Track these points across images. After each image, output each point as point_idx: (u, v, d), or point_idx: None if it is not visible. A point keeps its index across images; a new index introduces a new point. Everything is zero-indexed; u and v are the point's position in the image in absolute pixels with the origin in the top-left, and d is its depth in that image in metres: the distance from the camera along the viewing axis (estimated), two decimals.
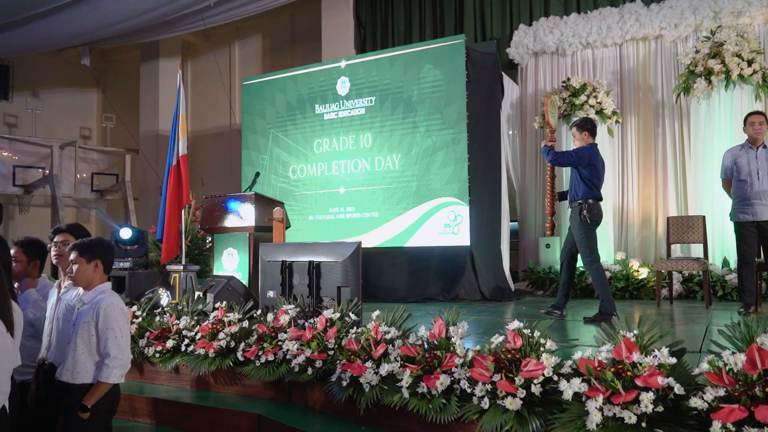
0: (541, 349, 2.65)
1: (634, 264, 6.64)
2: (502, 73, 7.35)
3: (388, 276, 6.73)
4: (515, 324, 2.75)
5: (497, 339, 2.81)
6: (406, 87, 6.90)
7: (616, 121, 7.21)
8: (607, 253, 6.94)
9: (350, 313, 3.54)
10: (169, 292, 5.15)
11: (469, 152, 6.51)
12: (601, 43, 7.54)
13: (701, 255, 5.83)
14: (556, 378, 2.49)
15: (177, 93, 5.62)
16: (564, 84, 7.22)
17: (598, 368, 2.41)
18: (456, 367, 2.77)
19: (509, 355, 2.67)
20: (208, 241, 6.73)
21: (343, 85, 7.31)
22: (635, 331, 2.45)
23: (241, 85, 8.59)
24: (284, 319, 3.72)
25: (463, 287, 6.32)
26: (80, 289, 2.83)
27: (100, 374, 2.59)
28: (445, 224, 6.57)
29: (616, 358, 2.41)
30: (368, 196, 7.08)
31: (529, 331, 2.71)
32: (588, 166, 4.65)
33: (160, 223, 5.55)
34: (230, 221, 5.10)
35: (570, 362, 2.54)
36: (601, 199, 4.72)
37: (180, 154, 5.55)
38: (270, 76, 8.00)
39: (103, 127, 12.51)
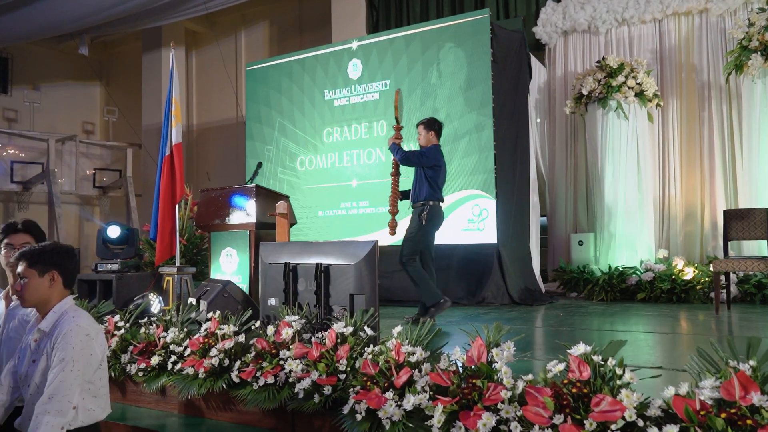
0: (618, 381, 2.02)
1: (678, 263, 5.97)
2: (530, 53, 6.70)
3: (405, 277, 6.07)
4: (580, 348, 2.12)
5: (556, 366, 2.18)
6: (424, 68, 6.27)
7: (657, 105, 6.52)
8: (648, 250, 6.27)
9: (365, 327, 2.93)
10: (161, 298, 4.58)
11: (495, 140, 5.87)
12: (638, 19, 6.85)
13: (764, 253, 5.14)
14: (641, 423, 1.86)
15: (170, 74, 5.03)
16: (598, 64, 6.54)
17: (702, 412, 1.78)
18: (502, 402, 2.15)
19: (574, 390, 2.04)
20: (206, 240, 6.16)
21: (354, 69, 6.69)
22: (751, 363, 1.82)
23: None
24: (287, 332, 3.12)
25: (489, 290, 5.69)
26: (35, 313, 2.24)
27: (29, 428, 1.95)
28: (468, 219, 5.93)
29: (727, 399, 1.79)
30: (383, 189, 6.44)
31: (599, 358, 2.08)
32: (434, 167, 4.58)
33: (153, 220, 4.98)
34: (228, 218, 4.51)
35: (659, 402, 1.91)
36: (442, 200, 4.66)
37: (173, 143, 4.97)
38: (275, 60, 7.40)
39: (105, 121, 12.01)
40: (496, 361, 2.29)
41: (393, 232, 4.71)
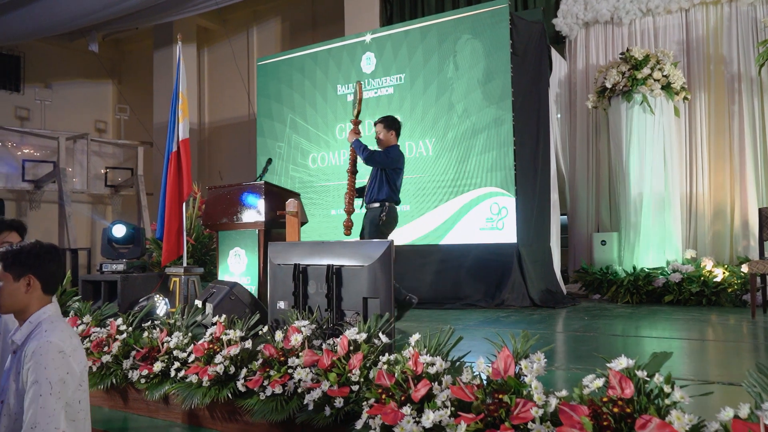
0: (665, 400, 1.79)
1: (707, 264, 5.68)
2: (550, 45, 6.44)
3: (420, 278, 5.89)
4: (622, 362, 1.88)
5: (593, 382, 1.95)
6: (440, 61, 6.04)
7: (684, 98, 6.23)
8: (675, 250, 5.99)
9: (380, 334, 2.72)
10: (167, 300, 4.41)
11: (515, 135, 5.63)
12: (664, 9, 6.56)
13: None
14: None
15: (177, 68, 4.85)
16: (622, 56, 6.26)
17: None
18: (533, 421, 1.93)
19: (615, 409, 1.81)
20: (215, 239, 5.99)
21: (368, 62, 6.48)
22: None
23: None
24: (296, 339, 2.92)
25: (509, 292, 5.45)
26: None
27: None
28: (487, 218, 5.70)
29: None
30: None
31: (644, 373, 1.85)
32: (396, 170, 4.47)
33: (160, 219, 4.81)
34: (236, 216, 4.32)
35: (716, 426, 1.67)
36: (399, 203, 4.55)
37: (180, 139, 4.80)
38: (287, 54, 7.21)
39: (117, 119, 11.92)
40: (525, 375, 2.07)
41: (349, 232, 4.49)
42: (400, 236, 6.05)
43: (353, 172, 4.56)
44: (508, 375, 2.10)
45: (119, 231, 4.74)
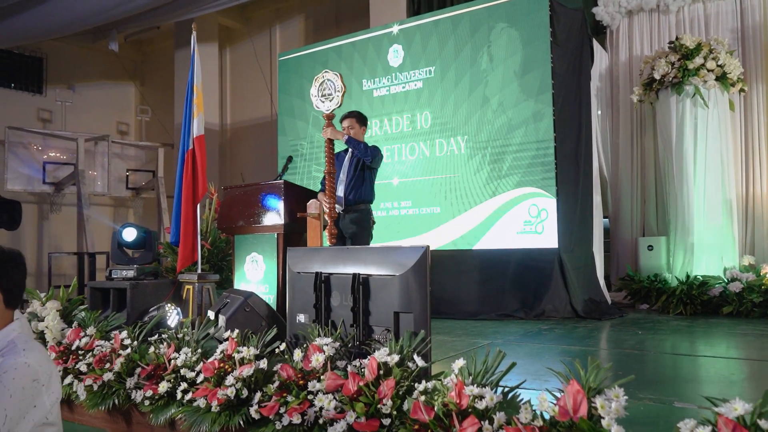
0: None
1: None
2: (591, 35, 5.99)
3: (453, 286, 5.47)
4: (737, 406, 1.45)
5: (693, 428, 1.52)
6: (473, 52, 5.62)
7: (741, 90, 5.71)
8: (732, 257, 5.47)
9: (415, 356, 2.32)
10: (179, 309, 4.07)
11: (555, 130, 5.18)
12: None
13: None
14: None
15: (191, 59, 4.54)
16: (671, 44, 5.77)
17: None
18: None
19: None
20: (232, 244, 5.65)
21: (395, 55, 6.10)
22: None
23: None
24: (317, 359, 2.54)
25: (550, 301, 5.00)
26: None
27: None
28: (525, 221, 5.26)
29: None
30: (428, 187, 5.84)
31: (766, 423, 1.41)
32: (375, 170, 4.28)
33: (174, 222, 4.49)
34: (254, 219, 3.96)
35: None
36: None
37: (195, 135, 4.47)
38: (309, 49, 6.86)
39: (138, 120, 11.76)
40: (603, 417, 1.65)
41: (335, 240, 3.95)
42: (431, 240, 5.65)
43: (332, 172, 3.97)
44: (580, 416, 1.68)
45: (130, 234, 4.42)
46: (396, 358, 2.34)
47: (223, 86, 11.16)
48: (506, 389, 2.04)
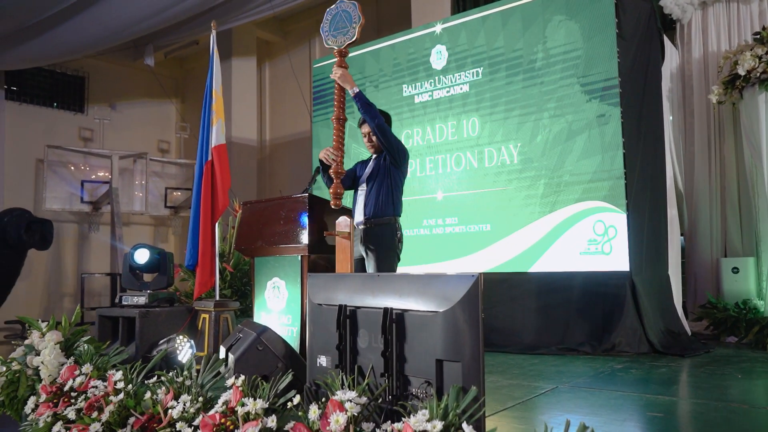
0: None
1: None
2: (660, 30, 5.30)
3: (505, 314, 4.81)
4: None
5: None
6: (526, 50, 5.02)
7: None
8: None
9: (464, 425, 1.72)
10: (192, 342, 3.58)
11: (623, 136, 4.51)
12: None
13: None
14: None
15: (210, 61, 4.12)
16: (757, 36, 5.02)
17: None
18: None
19: None
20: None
21: (439, 57, 5.55)
22: None
23: None
24: (337, 420, 1.97)
25: (621, 334, 4.28)
26: None
27: None
28: (589, 240, 4.57)
29: None
30: (476, 202, 5.23)
31: None
32: (404, 172, 3.64)
33: (190, 244, 4.03)
34: (275, 238, 3.44)
35: None
36: None
37: (214, 145, 4.03)
38: None
39: (178, 138, 11.62)
40: None
41: (338, 201, 3.29)
42: (480, 262, 5.02)
43: (342, 118, 3.46)
44: None
45: (142, 256, 3.98)
46: (439, 426, 1.75)
47: (262, 101, 10.89)
48: None
